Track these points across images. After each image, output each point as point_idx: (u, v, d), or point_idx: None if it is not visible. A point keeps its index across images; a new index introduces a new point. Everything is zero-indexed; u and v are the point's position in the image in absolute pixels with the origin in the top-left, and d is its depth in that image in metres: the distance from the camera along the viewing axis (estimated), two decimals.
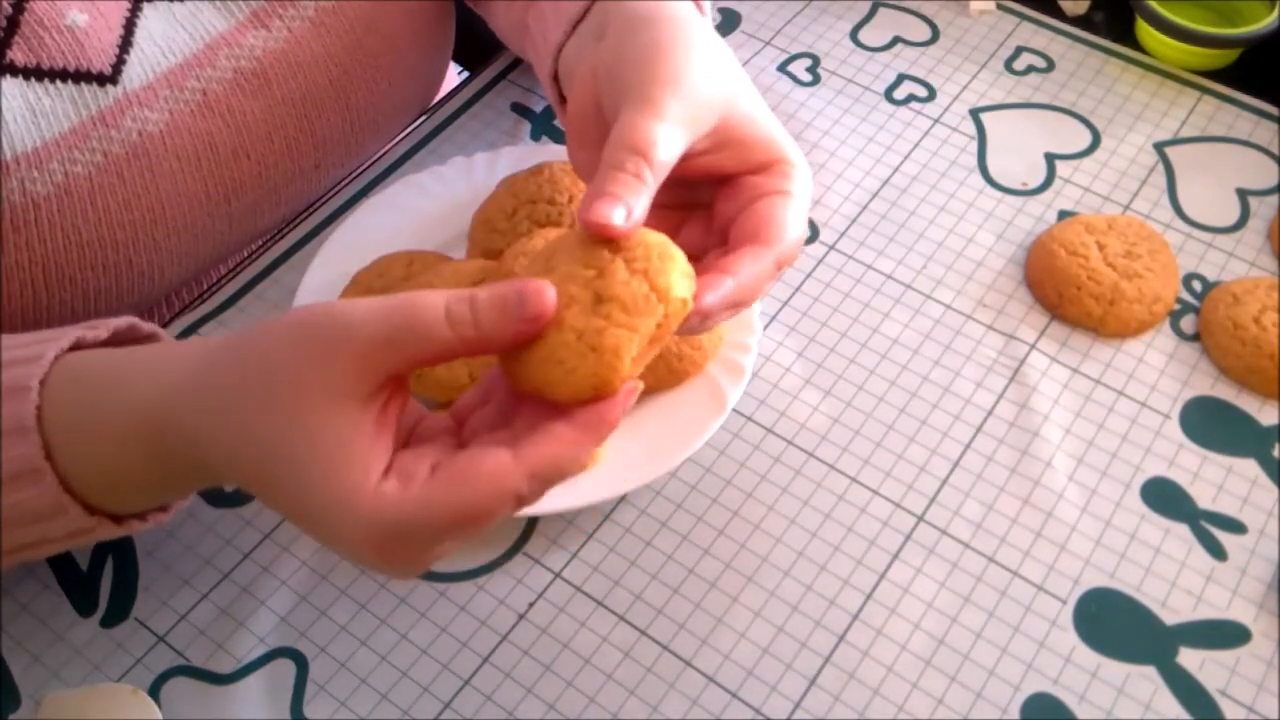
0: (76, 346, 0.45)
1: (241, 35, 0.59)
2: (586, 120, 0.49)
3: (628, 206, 0.42)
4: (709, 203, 0.49)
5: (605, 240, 0.41)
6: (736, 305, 0.44)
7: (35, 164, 0.53)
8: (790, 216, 0.46)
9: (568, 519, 0.57)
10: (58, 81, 0.53)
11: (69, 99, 0.54)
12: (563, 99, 0.55)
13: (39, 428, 0.43)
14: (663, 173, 0.44)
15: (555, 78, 0.55)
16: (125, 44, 0.56)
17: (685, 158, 0.45)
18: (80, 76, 0.54)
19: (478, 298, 0.39)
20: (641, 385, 0.41)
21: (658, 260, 0.41)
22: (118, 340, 0.47)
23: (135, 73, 0.56)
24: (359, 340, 0.38)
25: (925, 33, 0.79)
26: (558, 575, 0.56)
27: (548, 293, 0.39)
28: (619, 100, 0.46)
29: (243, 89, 0.60)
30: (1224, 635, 0.54)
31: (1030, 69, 0.77)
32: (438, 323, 0.38)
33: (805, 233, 0.47)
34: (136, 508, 0.47)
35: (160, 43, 0.57)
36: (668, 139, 0.44)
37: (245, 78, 0.60)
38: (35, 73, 0.53)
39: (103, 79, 0.55)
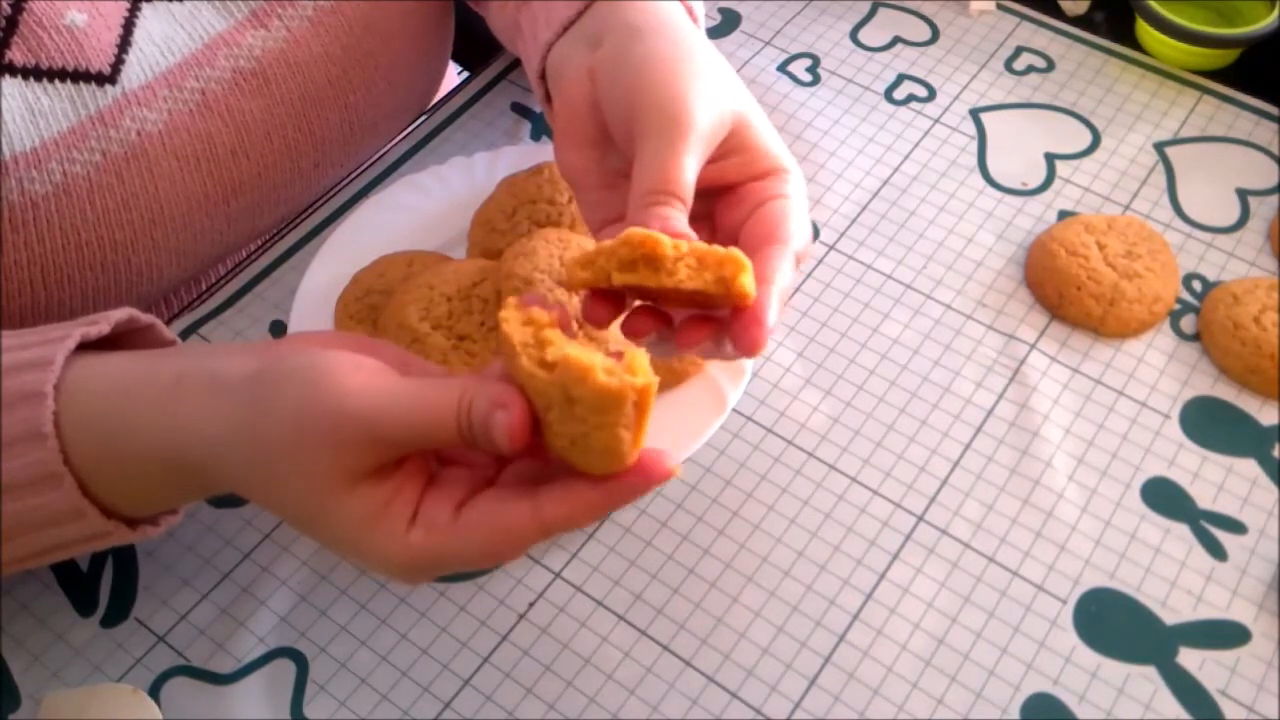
0: (80, 343, 0.46)
1: (240, 35, 0.59)
2: (578, 119, 0.50)
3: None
4: (706, 213, 0.50)
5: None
6: (784, 305, 0.45)
7: (34, 164, 0.53)
8: (798, 215, 0.47)
9: None
10: (56, 81, 0.53)
11: (68, 99, 0.54)
12: (549, 98, 0.56)
13: (57, 433, 0.43)
14: (690, 194, 0.45)
15: (543, 76, 0.56)
16: (124, 44, 0.56)
17: None
18: (79, 76, 0.54)
19: (475, 424, 0.39)
20: (675, 463, 0.41)
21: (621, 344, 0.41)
22: (117, 332, 0.47)
23: (134, 72, 0.56)
24: (367, 432, 0.40)
25: (925, 33, 0.79)
26: (558, 575, 0.56)
27: (524, 433, 0.39)
28: (634, 116, 0.46)
29: (242, 89, 0.60)
30: (1224, 635, 0.54)
31: (1030, 69, 0.77)
32: (449, 435, 0.40)
33: (810, 233, 0.48)
34: (150, 511, 0.47)
35: (159, 42, 0.57)
36: (692, 167, 0.45)
37: (244, 77, 0.60)
38: (34, 72, 0.53)
39: (101, 79, 0.55)
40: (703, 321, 0.45)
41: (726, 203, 0.49)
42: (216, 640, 0.53)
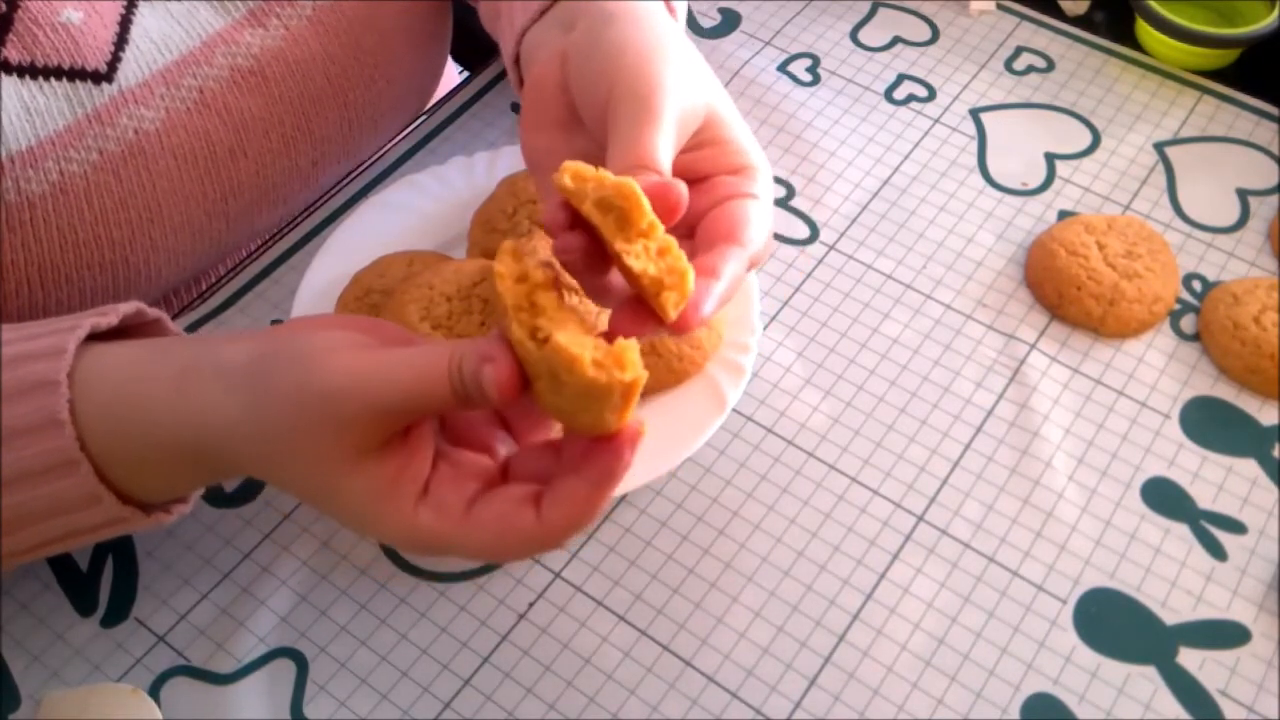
0: (90, 334, 0.46)
1: (238, 33, 0.59)
2: (545, 101, 0.50)
3: None
4: None
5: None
6: (723, 303, 0.44)
7: (30, 163, 0.53)
8: (760, 218, 0.46)
9: None
10: (52, 79, 0.53)
11: (64, 97, 0.53)
12: (523, 82, 0.55)
13: (72, 420, 0.43)
14: (668, 170, 0.44)
15: (518, 62, 0.55)
16: (121, 41, 0.55)
17: None
18: (75, 74, 0.54)
19: (467, 379, 0.39)
20: (643, 426, 0.41)
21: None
22: (124, 325, 0.48)
23: (131, 70, 0.56)
24: (364, 405, 0.40)
25: (925, 33, 0.79)
26: (558, 575, 0.56)
27: (511, 385, 0.39)
28: (607, 101, 0.46)
29: (240, 87, 0.60)
30: (1224, 635, 0.54)
31: (1030, 69, 0.77)
32: (443, 395, 0.40)
33: (772, 235, 0.48)
34: (164, 497, 0.48)
35: (156, 40, 0.57)
36: (667, 145, 0.44)
37: (242, 76, 0.60)
38: (30, 70, 0.52)
39: (98, 77, 0.54)
40: (641, 310, 0.42)
41: (694, 191, 0.47)
42: (216, 640, 0.53)
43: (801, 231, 0.69)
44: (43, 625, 0.54)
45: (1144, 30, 0.77)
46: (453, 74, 0.90)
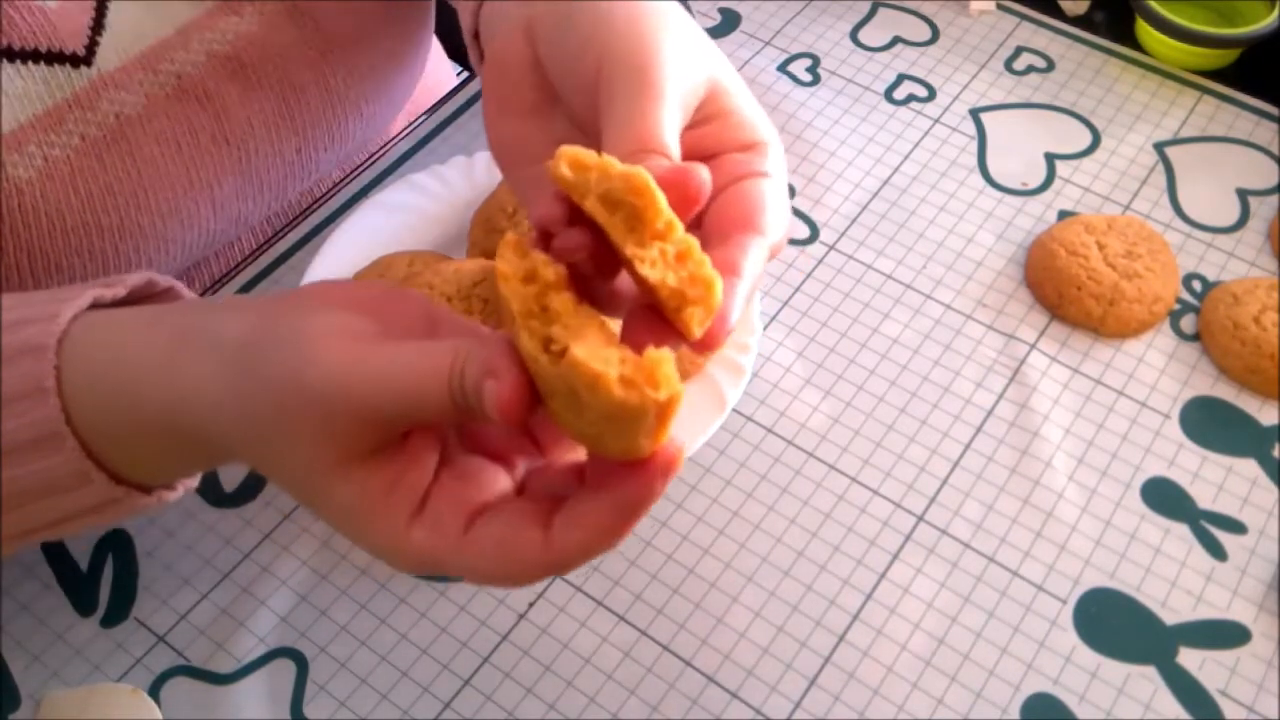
0: (94, 305, 0.43)
1: (213, 19, 0.58)
2: (512, 81, 0.44)
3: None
4: None
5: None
6: (747, 305, 0.39)
7: (14, 146, 0.52)
8: (777, 200, 0.40)
9: None
10: (29, 63, 0.52)
11: (42, 80, 0.53)
12: (483, 58, 0.50)
13: (58, 390, 0.41)
14: (676, 153, 0.39)
15: (478, 37, 0.50)
16: (97, 26, 0.55)
17: None
18: (53, 57, 0.53)
19: (469, 393, 0.35)
20: (684, 446, 0.35)
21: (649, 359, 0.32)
22: (134, 298, 0.45)
23: (109, 54, 0.55)
24: (353, 409, 0.36)
25: (925, 33, 0.79)
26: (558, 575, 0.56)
27: (517, 406, 0.34)
28: (596, 72, 0.40)
29: (218, 73, 0.59)
30: (1224, 635, 0.54)
31: (1030, 69, 0.77)
32: (441, 405, 0.35)
33: (788, 220, 0.42)
34: (158, 481, 0.45)
35: (132, 25, 0.56)
36: (673, 123, 0.39)
37: (219, 61, 0.59)
38: (7, 53, 0.52)
39: (76, 60, 0.54)
40: (658, 322, 0.36)
41: None
42: (216, 640, 0.53)
43: (801, 231, 0.69)
44: (43, 625, 0.54)
45: (1144, 30, 0.77)
46: (453, 74, 0.90)
